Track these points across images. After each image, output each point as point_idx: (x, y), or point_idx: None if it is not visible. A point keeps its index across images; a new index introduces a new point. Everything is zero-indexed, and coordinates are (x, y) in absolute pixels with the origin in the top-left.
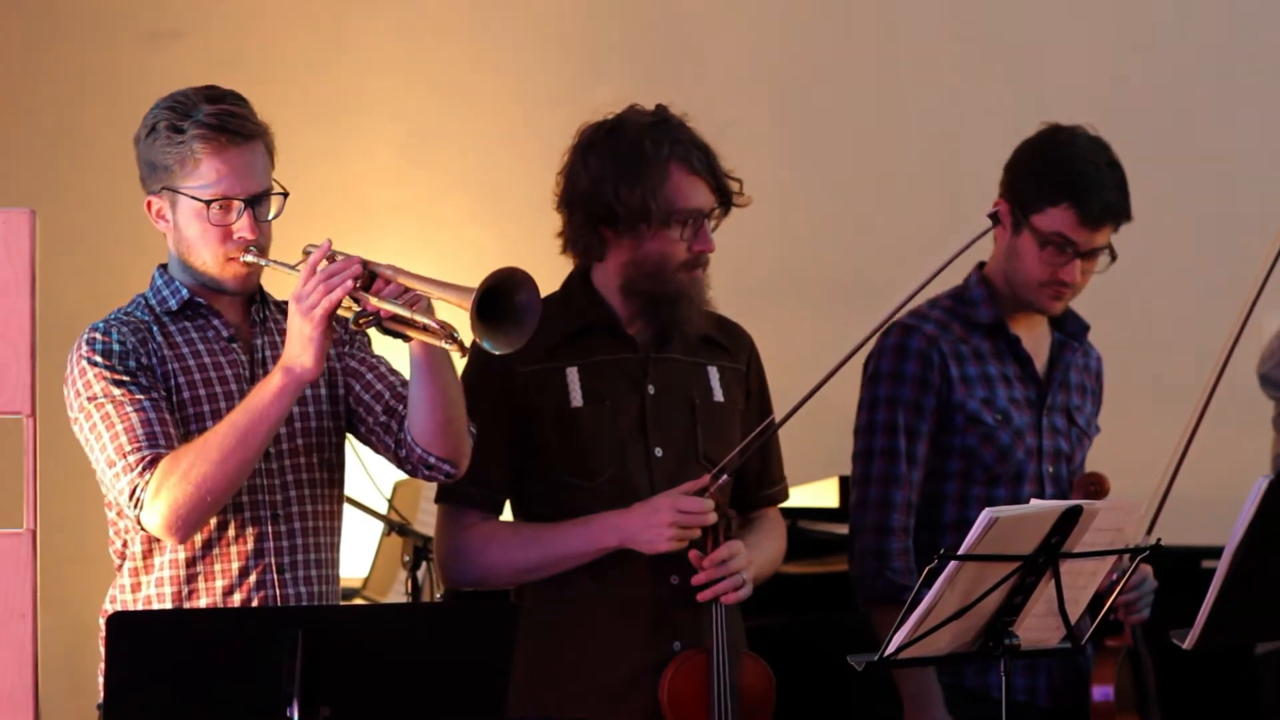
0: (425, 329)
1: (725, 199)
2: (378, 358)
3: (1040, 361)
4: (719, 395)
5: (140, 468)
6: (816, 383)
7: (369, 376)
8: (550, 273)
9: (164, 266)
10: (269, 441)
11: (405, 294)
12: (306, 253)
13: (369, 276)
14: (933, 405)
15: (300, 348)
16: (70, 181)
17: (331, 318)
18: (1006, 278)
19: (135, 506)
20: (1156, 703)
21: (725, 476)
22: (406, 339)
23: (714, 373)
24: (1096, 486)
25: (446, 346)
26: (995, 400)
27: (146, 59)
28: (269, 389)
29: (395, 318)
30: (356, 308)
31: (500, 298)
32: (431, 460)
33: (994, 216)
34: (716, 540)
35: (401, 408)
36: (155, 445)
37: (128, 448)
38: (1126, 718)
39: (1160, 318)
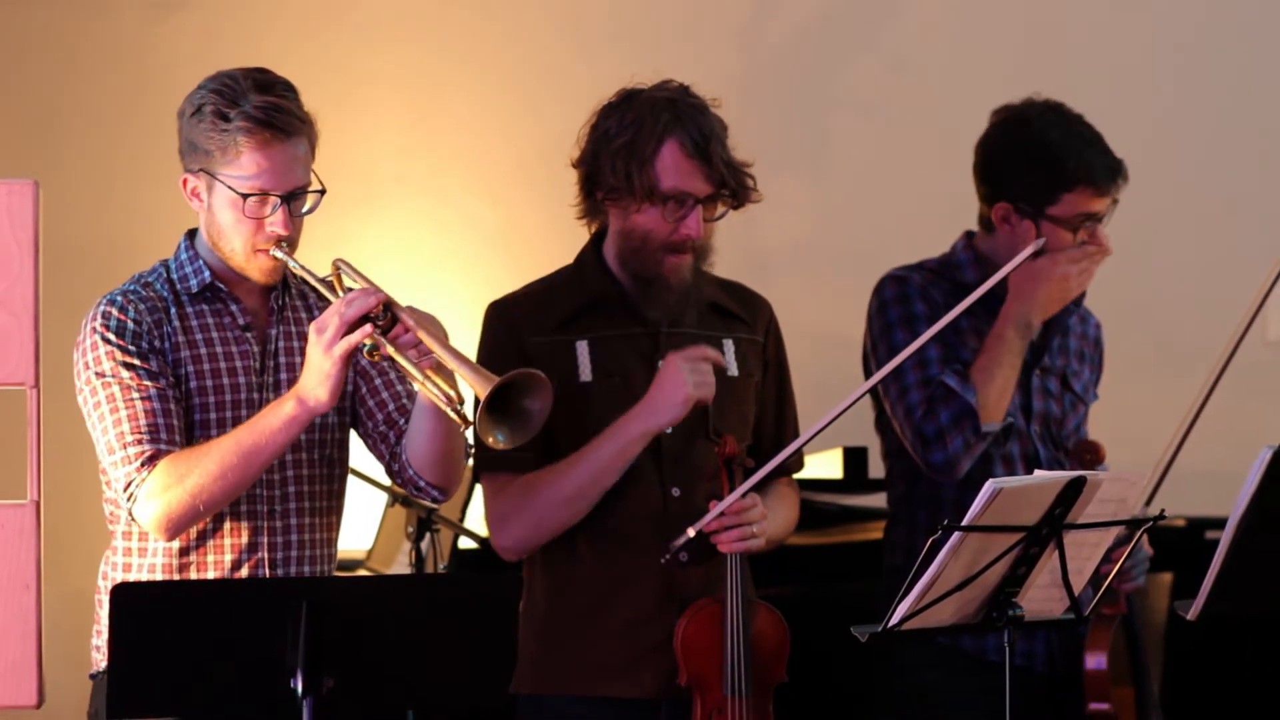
0: (434, 390)
1: (728, 190)
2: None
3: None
4: (733, 369)
5: (140, 462)
6: (838, 396)
7: (377, 382)
8: (548, 245)
9: (193, 234)
10: (270, 464)
11: (418, 347)
12: (337, 268)
13: (390, 319)
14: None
15: (316, 382)
16: (74, 152)
17: (350, 356)
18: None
19: (129, 500)
20: (1152, 670)
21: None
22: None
23: (729, 345)
24: (1091, 455)
25: (449, 413)
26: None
27: (149, 30)
28: (280, 415)
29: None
30: (372, 342)
31: (514, 395)
32: (421, 484)
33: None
34: (733, 484)
35: (402, 421)
36: (156, 439)
37: (129, 438)
38: (1120, 685)
39: (1163, 287)
